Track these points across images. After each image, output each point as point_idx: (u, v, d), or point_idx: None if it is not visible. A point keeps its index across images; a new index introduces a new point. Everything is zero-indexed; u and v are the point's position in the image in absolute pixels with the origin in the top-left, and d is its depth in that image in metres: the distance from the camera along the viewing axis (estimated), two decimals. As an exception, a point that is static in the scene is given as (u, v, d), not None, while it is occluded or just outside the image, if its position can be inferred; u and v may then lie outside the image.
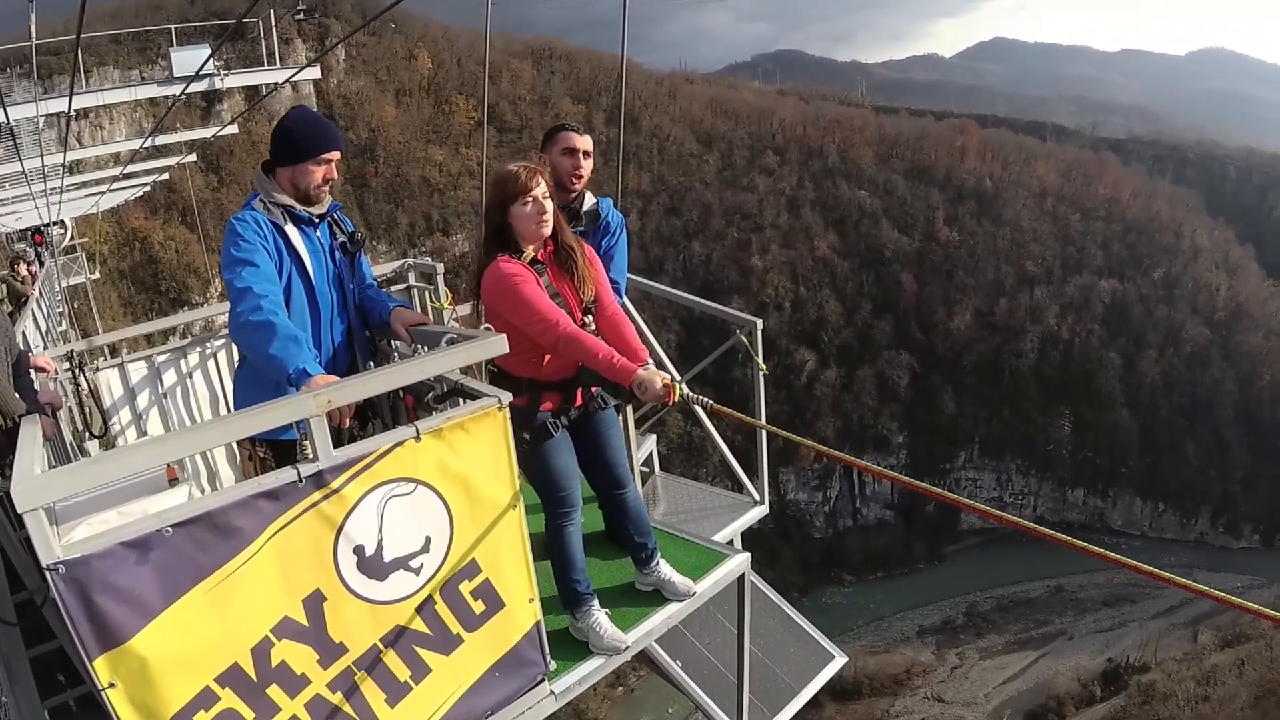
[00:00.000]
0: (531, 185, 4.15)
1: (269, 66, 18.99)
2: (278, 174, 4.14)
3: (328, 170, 4.13)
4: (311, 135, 4.12)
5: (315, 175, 4.10)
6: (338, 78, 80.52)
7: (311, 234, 4.18)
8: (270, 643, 2.96)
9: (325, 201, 4.26)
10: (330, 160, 4.14)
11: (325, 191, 4.19)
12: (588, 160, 4.89)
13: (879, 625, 72.01)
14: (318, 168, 4.10)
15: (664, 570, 4.65)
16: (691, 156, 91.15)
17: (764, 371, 6.78)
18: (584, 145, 4.91)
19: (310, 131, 4.13)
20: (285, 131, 4.11)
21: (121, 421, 6.89)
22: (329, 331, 4.21)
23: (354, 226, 4.46)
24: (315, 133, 4.13)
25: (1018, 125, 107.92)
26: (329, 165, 4.14)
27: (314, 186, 4.12)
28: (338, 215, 4.37)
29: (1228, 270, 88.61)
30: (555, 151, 4.89)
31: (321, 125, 4.23)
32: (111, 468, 2.67)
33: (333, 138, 4.17)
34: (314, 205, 4.19)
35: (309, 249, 4.13)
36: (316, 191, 4.14)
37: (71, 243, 32.24)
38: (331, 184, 4.20)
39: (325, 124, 4.29)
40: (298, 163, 4.09)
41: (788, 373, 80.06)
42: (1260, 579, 71.10)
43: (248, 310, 3.70)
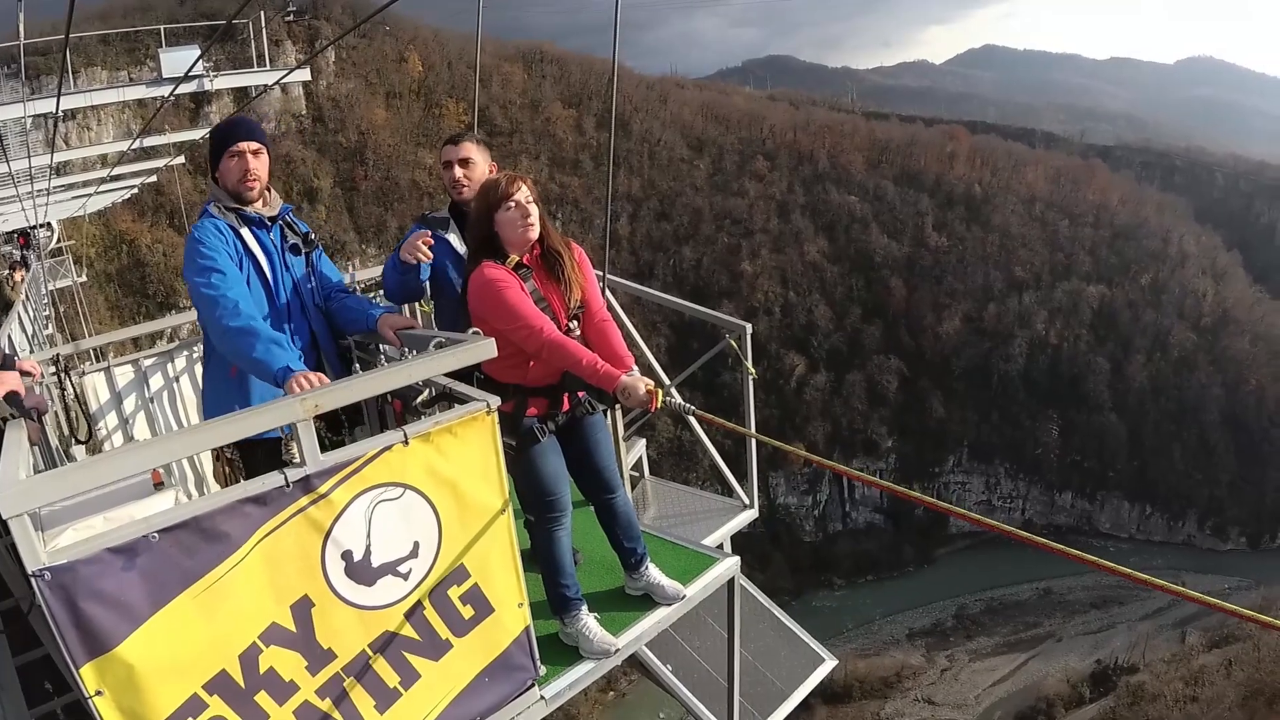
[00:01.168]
0: (513, 191, 4.18)
1: (259, 68, 18.93)
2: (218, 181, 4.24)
3: (243, 162, 4.16)
4: (221, 133, 4.21)
5: (232, 169, 4.16)
6: (328, 80, 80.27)
7: (264, 236, 4.23)
8: (258, 649, 2.94)
9: (272, 203, 4.33)
10: (242, 151, 4.16)
11: (253, 185, 4.21)
12: (468, 168, 4.82)
13: (869, 628, 72.11)
14: (232, 160, 4.15)
15: (654, 574, 4.66)
16: (682, 161, 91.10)
17: (753, 375, 6.80)
18: (459, 155, 4.85)
19: (221, 130, 4.24)
20: (209, 138, 4.27)
21: (108, 426, 6.86)
22: (290, 335, 4.22)
23: (308, 229, 4.48)
24: (225, 129, 4.23)
25: (1007, 132, 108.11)
26: (244, 157, 4.16)
27: (235, 180, 4.17)
28: (290, 218, 4.40)
29: (1214, 276, 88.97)
30: (441, 168, 4.90)
31: (232, 121, 4.34)
32: (98, 473, 2.66)
33: (239, 129, 4.23)
34: (250, 203, 4.23)
35: (264, 251, 4.19)
36: (239, 185, 4.18)
37: (58, 245, 32.08)
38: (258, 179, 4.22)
39: (242, 119, 4.40)
40: (217, 162, 4.19)
41: (777, 377, 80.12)
42: (1247, 580, 71.45)
43: (227, 316, 3.77)
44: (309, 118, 79.65)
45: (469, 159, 4.81)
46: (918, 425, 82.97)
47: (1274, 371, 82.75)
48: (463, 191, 4.80)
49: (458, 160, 4.82)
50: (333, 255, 28.86)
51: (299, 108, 79.00)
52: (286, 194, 78.26)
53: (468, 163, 4.81)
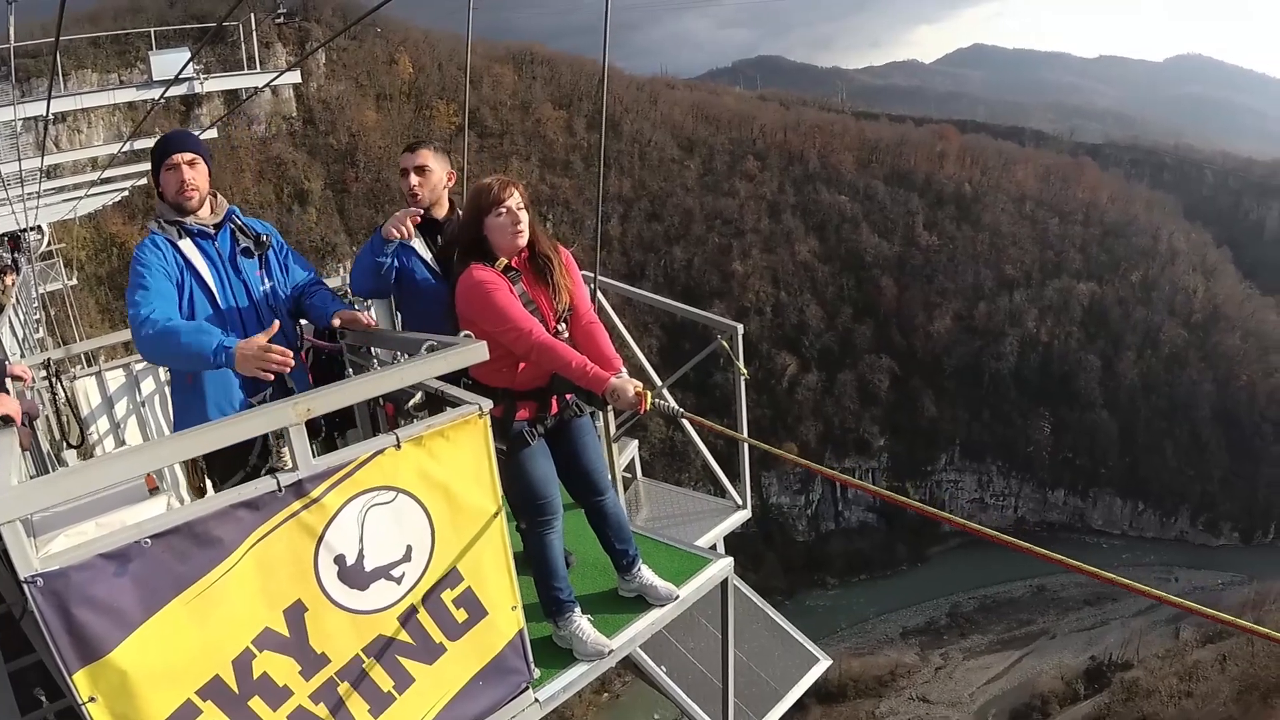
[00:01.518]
0: (505, 196, 4.18)
1: (249, 70, 18.89)
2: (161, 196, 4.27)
3: (179, 174, 4.17)
4: (160, 145, 4.23)
5: (170, 181, 4.18)
6: (318, 82, 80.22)
7: (208, 245, 4.22)
8: (251, 654, 2.94)
9: (217, 209, 4.33)
10: (177, 164, 4.17)
11: (191, 195, 4.21)
12: (421, 175, 4.74)
13: (863, 627, 72.15)
14: (169, 173, 4.17)
15: (646, 576, 4.66)
16: (673, 162, 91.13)
17: (745, 376, 6.79)
18: (415, 162, 4.76)
19: (159, 143, 4.25)
20: (151, 151, 4.27)
21: (99, 430, 6.85)
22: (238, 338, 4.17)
23: (265, 229, 4.47)
24: (164, 142, 4.24)
25: (997, 130, 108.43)
26: (179, 169, 4.17)
27: (173, 192, 4.18)
28: (242, 221, 4.39)
29: (1205, 273, 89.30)
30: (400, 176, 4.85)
31: (171, 134, 4.32)
32: (90, 478, 2.65)
33: (175, 141, 4.23)
34: (191, 212, 4.23)
35: (206, 261, 4.18)
36: (178, 197, 4.18)
37: (49, 248, 31.94)
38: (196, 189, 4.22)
39: (176, 132, 4.37)
40: (156, 175, 4.22)
41: (769, 377, 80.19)
42: (1240, 576, 71.69)
43: (144, 328, 3.79)
44: (300, 120, 79.64)
45: (424, 166, 4.73)
46: (909, 424, 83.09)
47: (1265, 367, 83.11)
48: (419, 200, 4.75)
49: (413, 168, 4.75)
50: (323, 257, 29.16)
51: (290, 110, 79.00)
52: (277, 196, 78.18)
53: (423, 170, 4.74)
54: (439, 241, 4.73)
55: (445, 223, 4.80)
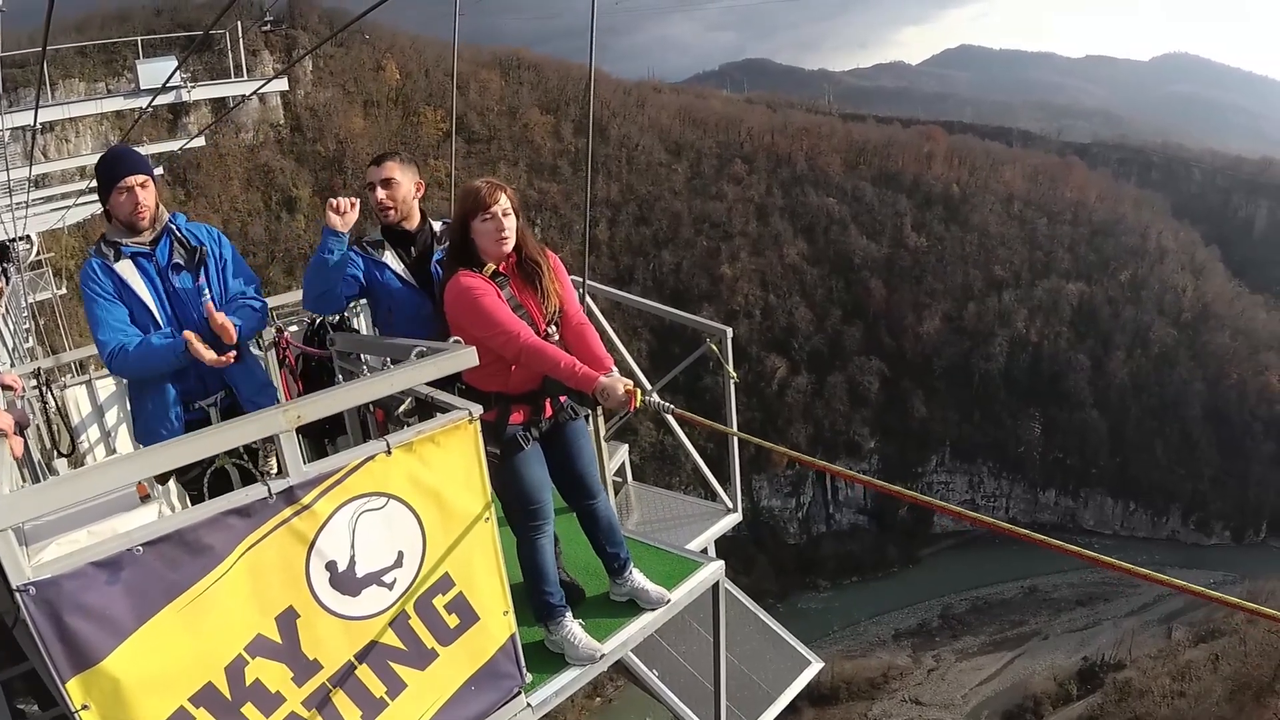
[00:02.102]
0: (492, 201, 4.16)
1: (236, 78, 18.86)
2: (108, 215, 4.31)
3: (132, 197, 4.20)
4: (108, 167, 4.24)
5: (122, 204, 4.21)
6: (305, 89, 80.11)
7: (146, 263, 4.27)
8: (244, 661, 2.95)
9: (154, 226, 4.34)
10: (129, 186, 4.20)
11: (144, 216, 4.25)
12: (389, 188, 4.68)
13: (855, 630, 72.13)
14: (119, 196, 4.20)
15: (638, 579, 4.67)
16: (660, 165, 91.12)
17: (734, 379, 6.80)
18: (381, 175, 4.68)
19: (107, 164, 4.26)
20: (96, 170, 4.29)
21: (90, 439, 6.84)
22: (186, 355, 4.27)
23: (208, 238, 4.49)
24: (112, 164, 4.25)
25: (984, 131, 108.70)
26: (132, 192, 4.20)
27: (126, 214, 4.23)
28: (183, 231, 4.41)
29: (1194, 271, 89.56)
30: (367, 190, 4.76)
31: (119, 155, 4.34)
32: (82, 486, 2.66)
33: (126, 164, 4.25)
34: (141, 232, 4.28)
35: (143, 279, 4.24)
36: (131, 218, 4.23)
37: (38, 258, 31.87)
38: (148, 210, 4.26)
39: (124, 153, 4.39)
40: (106, 196, 4.24)
41: (759, 380, 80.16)
42: (1232, 574, 71.73)
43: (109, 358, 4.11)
44: (287, 127, 79.51)
45: (391, 179, 4.67)
46: (900, 426, 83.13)
47: (1255, 365, 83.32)
48: (388, 214, 4.71)
49: (379, 181, 4.68)
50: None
51: (277, 117, 78.87)
52: (265, 203, 78.14)
53: (390, 183, 4.68)
54: (412, 254, 4.69)
55: (417, 234, 4.75)
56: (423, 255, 4.68)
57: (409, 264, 4.66)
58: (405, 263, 4.67)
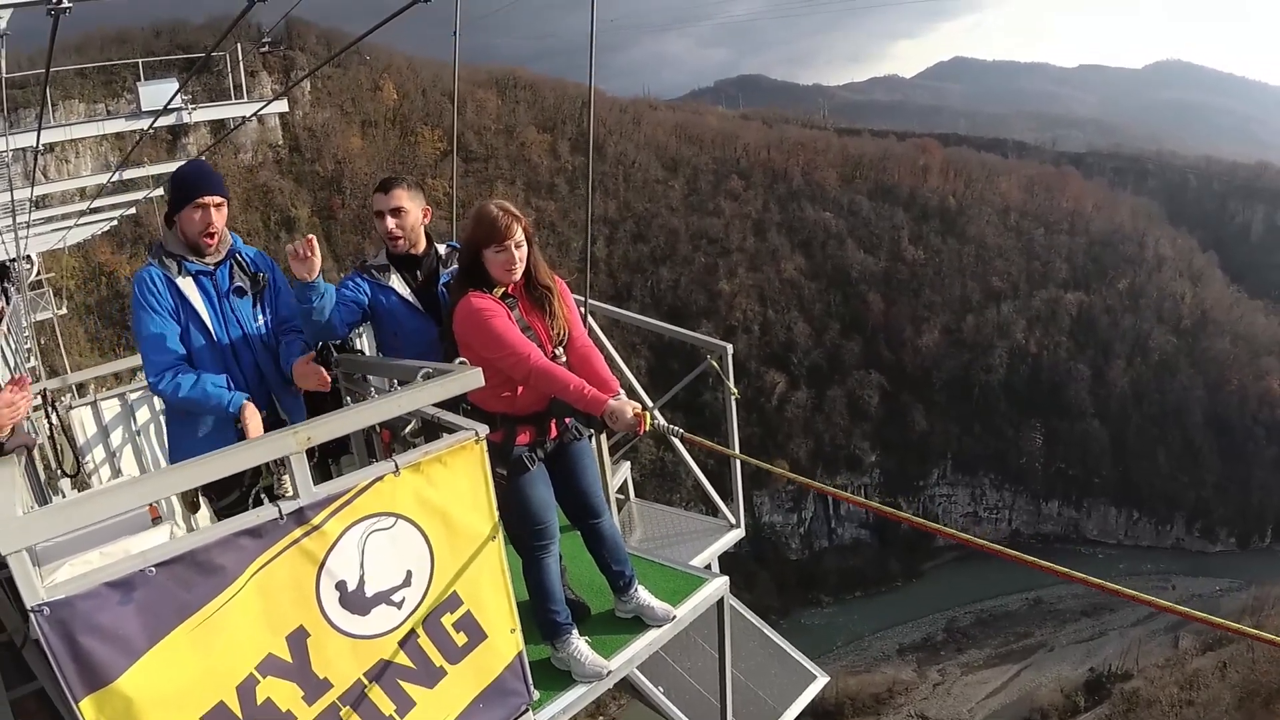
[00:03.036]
0: (508, 235, 4.16)
1: (236, 100, 18.90)
2: (175, 224, 4.29)
3: (206, 215, 4.22)
4: (189, 181, 4.26)
5: (195, 221, 4.21)
6: (304, 110, 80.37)
7: (206, 282, 4.29)
8: (255, 680, 2.97)
9: (220, 249, 4.36)
10: (206, 205, 4.21)
11: (212, 241, 4.28)
12: (398, 216, 4.64)
13: (859, 644, 71.92)
14: (195, 213, 4.20)
15: (643, 596, 4.69)
16: (657, 182, 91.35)
17: (735, 396, 6.82)
18: (390, 204, 4.64)
19: (189, 178, 4.27)
20: (171, 180, 4.32)
21: (95, 460, 6.86)
22: (239, 375, 4.34)
23: (264, 266, 4.53)
24: (190, 179, 4.28)
25: (979, 143, 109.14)
26: (207, 210, 4.22)
27: (195, 233, 4.23)
28: (244, 257, 4.45)
29: (1191, 278, 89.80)
30: (374, 216, 4.72)
31: (199, 172, 4.34)
32: (95, 508, 2.68)
33: (206, 183, 4.26)
34: (204, 253, 4.29)
35: (204, 299, 4.26)
36: (199, 238, 4.24)
37: (38, 278, 31.90)
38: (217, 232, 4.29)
39: (206, 171, 4.38)
40: (179, 210, 4.23)
41: (758, 395, 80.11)
42: (1238, 581, 71.75)
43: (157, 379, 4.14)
44: (286, 147, 79.75)
45: (400, 207, 4.65)
46: (900, 439, 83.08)
47: (1255, 370, 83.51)
48: (398, 243, 4.68)
49: (389, 210, 4.65)
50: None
51: (276, 138, 79.10)
52: (264, 223, 78.08)
53: (399, 211, 4.65)
54: (418, 278, 4.70)
55: (424, 258, 4.76)
56: (428, 279, 4.70)
57: (415, 288, 4.67)
58: (411, 287, 4.67)
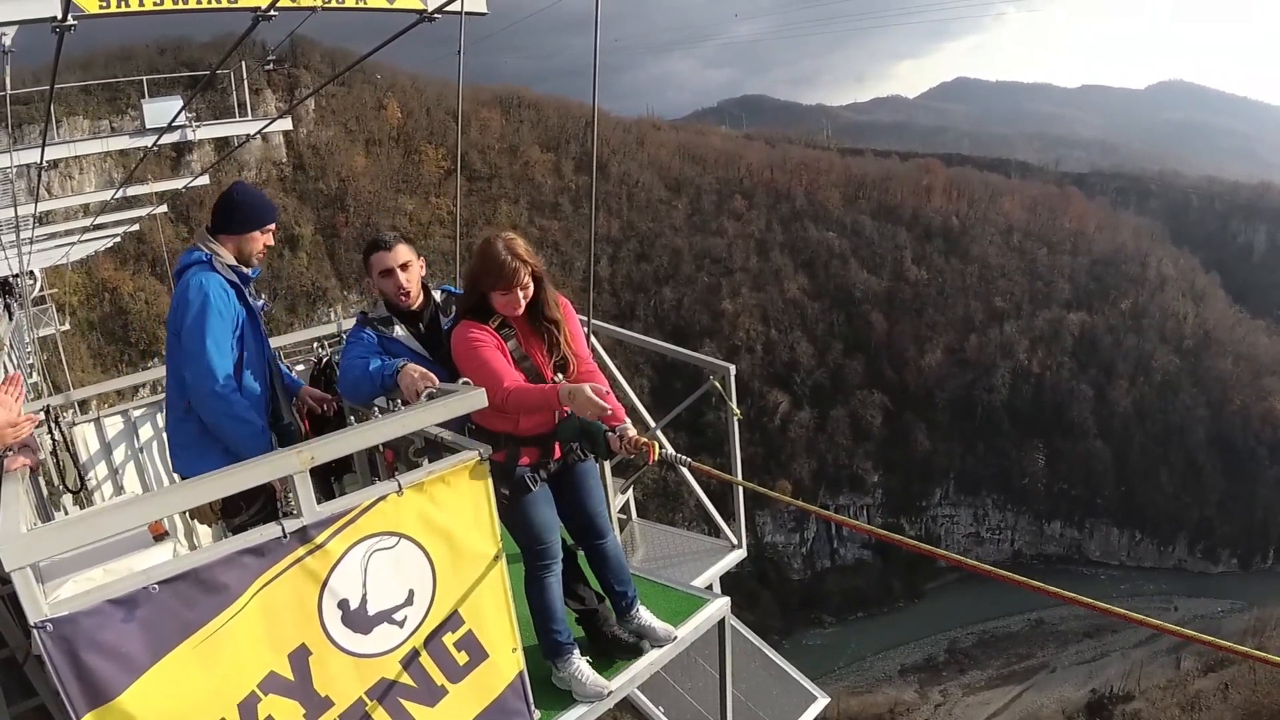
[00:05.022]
0: (514, 283, 4.18)
1: (240, 118, 18.96)
2: (221, 239, 4.41)
3: (267, 238, 4.53)
4: (260, 207, 4.53)
5: (259, 243, 4.49)
6: (307, 128, 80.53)
7: (248, 294, 4.44)
8: (257, 698, 2.98)
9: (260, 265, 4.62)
10: (272, 229, 4.55)
11: (261, 261, 4.59)
12: (408, 270, 4.64)
13: (860, 665, 71.65)
14: (264, 235, 4.49)
15: (644, 617, 4.68)
16: (660, 202, 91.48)
17: (738, 416, 6.82)
18: (397, 260, 4.62)
19: (257, 204, 4.54)
20: (236, 204, 4.44)
21: (98, 476, 6.86)
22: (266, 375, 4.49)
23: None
24: (262, 205, 4.56)
25: (982, 163, 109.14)
26: (269, 235, 4.54)
27: (257, 254, 4.49)
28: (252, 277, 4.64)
29: (1194, 298, 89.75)
30: (375, 276, 4.69)
31: (265, 200, 4.62)
32: (99, 525, 2.70)
33: (275, 210, 4.61)
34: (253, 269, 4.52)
35: (249, 310, 4.41)
36: (254, 259, 4.50)
37: (41, 294, 31.98)
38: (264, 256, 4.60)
39: (266, 198, 4.66)
40: (246, 232, 4.43)
41: (761, 415, 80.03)
42: (1240, 602, 71.46)
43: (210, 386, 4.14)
44: (289, 165, 79.91)
45: (407, 263, 4.64)
46: (903, 459, 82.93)
47: (1258, 390, 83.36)
48: (408, 299, 4.67)
49: (399, 267, 4.62)
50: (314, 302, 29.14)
51: (280, 155, 79.26)
52: (268, 241, 78.96)
53: (407, 267, 4.64)
54: (421, 328, 4.68)
55: (423, 310, 4.75)
56: (431, 327, 4.70)
57: (420, 336, 4.67)
58: (416, 336, 4.67)
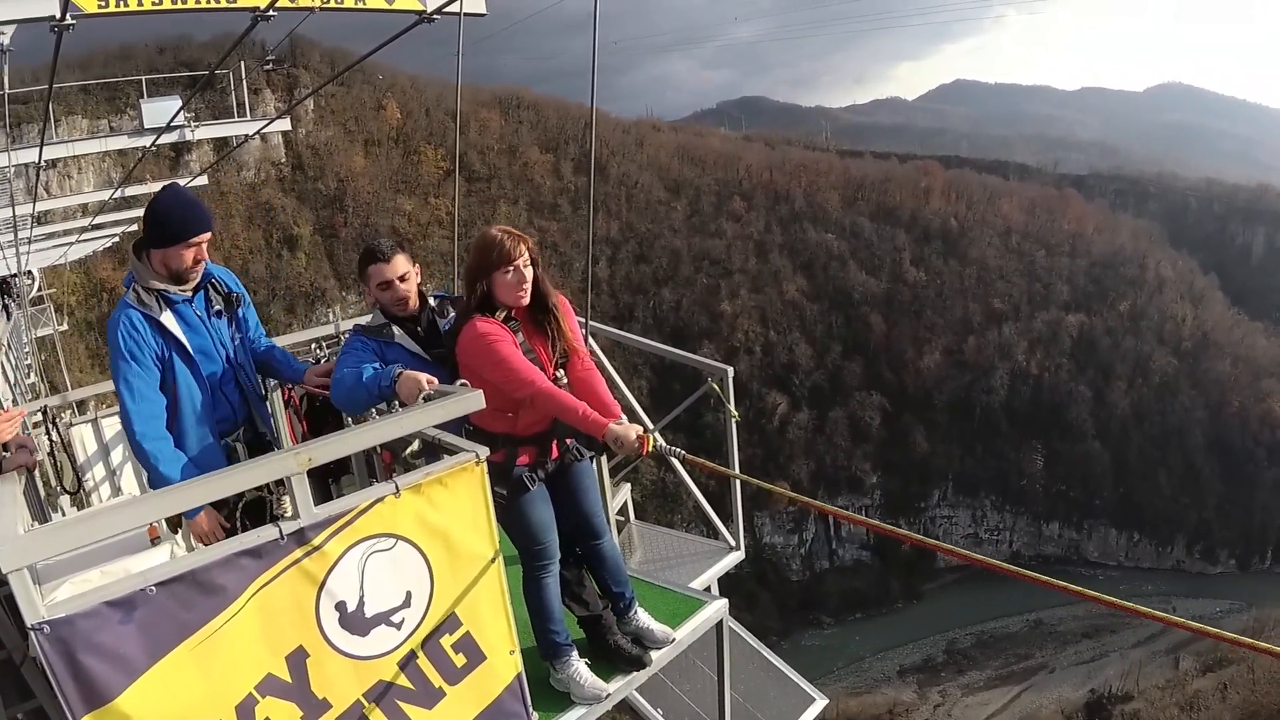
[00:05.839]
0: (515, 256, 4.17)
1: (239, 118, 18.94)
2: (150, 255, 4.20)
3: (198, 252, 4.19)
4: (182, 219, 4.15)
5: (186, 258, 4.17)
6: (306, 128, 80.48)
7: (187, 310, 4.26)
8: (254, 700, 2.97)
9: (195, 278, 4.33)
10: (200, 243, 4.19)
11: (198, 274, 4.28)
12: (406, 281, 4.59)
13: (859, 666, 71.65)
14: (188, 251, 4.16)
15: (643, 618, 4.68)
16: (659, 203, 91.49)
17: (735, 418, 6.82)
18: (396, 271, 4.56)
19: (181, 214, 4.17)
20: (156, 214, 4.15)
21: (95, 477, 6.85)
22: (221, 394, 4.36)
23: (234, 287, 4.54)
24: (186, 216, 4.18)
25: (981, 165, 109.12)
26: (199, 247, 4.19)
27: (185, 268, 4.19)
28: (216, 277, 4.45)
29: (1192, 300, 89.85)
30: (373, 288, 4.62)
31: (192, 207, 4.24)
32: (96, 527, 2.69)
33: (202, 221, 4.21)
34: (186, 285, 4.27)
35: (184, 329, 4.21)
36: (187, 273, 4.21)
37: (39, 294, 31.96)
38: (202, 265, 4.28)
39: (196, 206, 4.29)
40: (169, 246, 4.14)
41: (760, 416, 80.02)
42: (1238, 603, 71.51)
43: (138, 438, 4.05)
44: (288, 165, 79.87)
45: (407, 273, 4.60)
46: (902, 460, 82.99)
47: (1256, 392, 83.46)
48: (408, 307, 4.62)
49: (398, 277, 4.57)
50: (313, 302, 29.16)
51: (278, 155, 79.22)
52: (267, 241, 78.09)
53: (406, 277, 4.60)
54: (419, 333, 4.63)
55: (420, 313, 4.71)
56: (428, 329, 4.67)
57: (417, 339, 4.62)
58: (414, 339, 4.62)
